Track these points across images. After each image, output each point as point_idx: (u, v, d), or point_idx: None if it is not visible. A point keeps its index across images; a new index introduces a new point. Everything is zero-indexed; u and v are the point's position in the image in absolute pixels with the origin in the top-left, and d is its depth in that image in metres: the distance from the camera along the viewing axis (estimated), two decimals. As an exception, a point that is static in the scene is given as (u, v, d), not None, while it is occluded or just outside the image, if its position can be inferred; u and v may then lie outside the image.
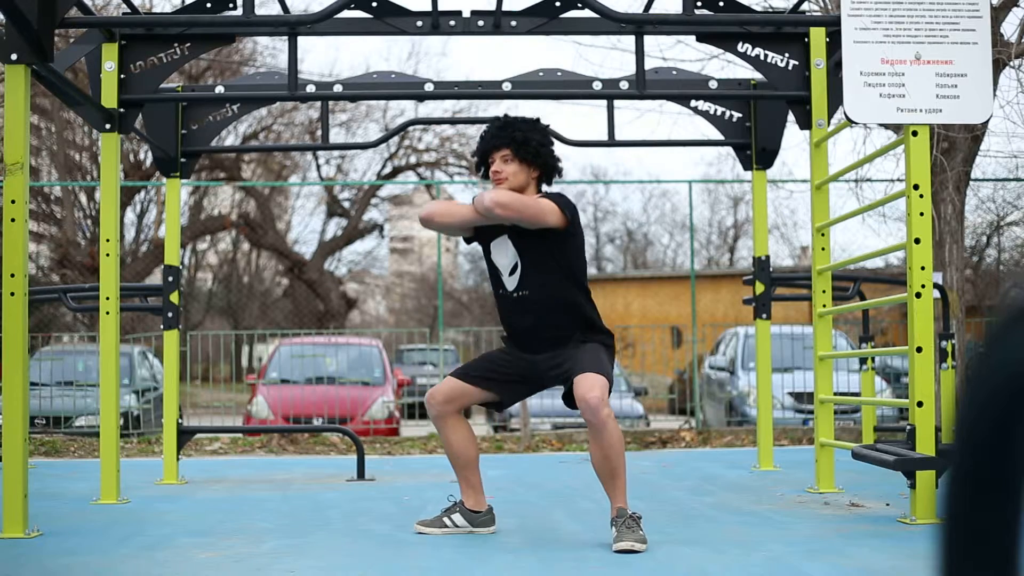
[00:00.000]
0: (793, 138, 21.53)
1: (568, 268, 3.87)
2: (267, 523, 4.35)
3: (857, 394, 8.15)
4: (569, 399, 3.83)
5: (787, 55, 5.37)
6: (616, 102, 6.51)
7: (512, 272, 3.91)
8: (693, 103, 6.24)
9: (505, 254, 3.93)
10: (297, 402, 10.83)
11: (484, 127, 4.07)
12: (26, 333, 4.12)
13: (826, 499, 4.91)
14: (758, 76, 5.76)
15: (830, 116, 5.30)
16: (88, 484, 5.51)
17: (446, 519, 4.04)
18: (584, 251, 3.98)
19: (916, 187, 4.17)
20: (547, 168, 3.97)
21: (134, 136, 5.97)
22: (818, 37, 5.23)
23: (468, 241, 4.16)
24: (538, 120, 4.02)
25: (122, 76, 5.27)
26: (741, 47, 5.37)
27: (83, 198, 19.99)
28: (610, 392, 3.73)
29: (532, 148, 3.89)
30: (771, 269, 6.16)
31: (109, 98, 5.20)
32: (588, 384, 3.64)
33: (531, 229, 3.82)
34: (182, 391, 8.64)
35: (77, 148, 19.72)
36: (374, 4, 5.25)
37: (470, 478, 4.04)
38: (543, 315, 3.86)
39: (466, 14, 5.35)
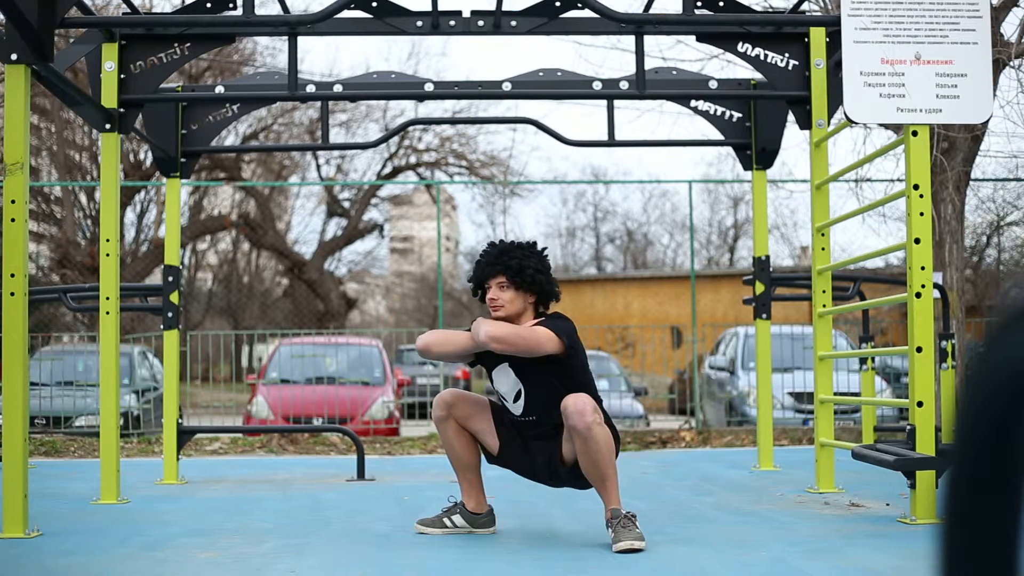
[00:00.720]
0: (793, 138, 21.54)
1: (573, 390, 3.79)
2: (267, 523, 4.35)
3: (857, 394, 8.15)
4: (560, 478, 3.88)
5: (787, 55, 5.37)
6: (616, 102, 6.51)
7: (516, 399, 3.89)
8: (693, 103, 6.24)
9: (506, 382, 3.90)
10: (297, 402, 10.83)
11: (480, 253, 4.02)
12: (26, 333, 4.12)
13: (826, 499, 4.91)
14: (758, 76, 5.76)
15: (830, 116, 5.30)
16: (88, 484, 5.51)
17: (446, 519, 4.04)
18: (587, 366, 3.91)
19: (916, 187, 4.17)
20: (543, 293, 3.91)
21: (134, 136, 5.97)
22: (818, 37, 5.23)
23: (471, 365, 4.12)
24: (534, 244, 3.98)
25: (122, 76, 5.27)
26: (741, 47, 5.37)
27: (83, 198, 19.99)
28: (600, 410, 3.71)
29: (528, 276, 3.84)
30: (771, 269, 6.16)
31: (109, 98, 5.20)
32: (574, 397, 3.64)
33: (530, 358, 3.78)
34: (182, 391, 8.64)
35: (77, 148, 19.72)
36: (374, 4, 5.25)
37: (471, 480, 4.03)
38: (554, 436, 3.84)
39: (466, 14, 5.35)
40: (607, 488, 3.70)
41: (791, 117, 5.84)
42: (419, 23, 5.35)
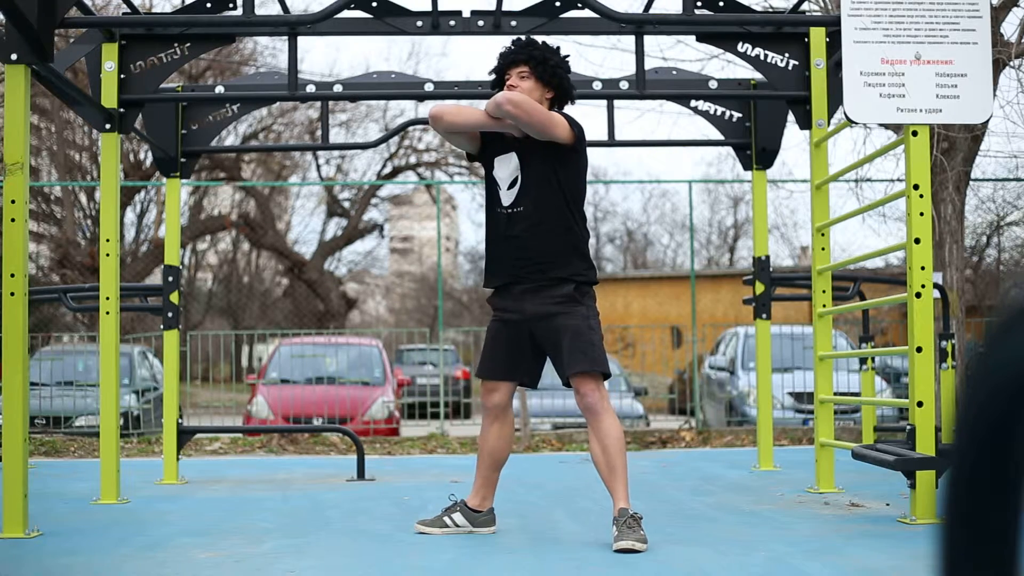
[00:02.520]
0: (793, 138, 21.55)
1: (568, 188, 3.87)
2: (267, 523, 4.35)
3: (857, 394, 8.15)
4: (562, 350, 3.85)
5: (787, 55, 5.37)
6: (616, 102, 6.51)
7: (511, 186, 3.91)
8: (693, 103, 6.24)
9: (507, 167, 3.94)
10: (297, 402, 10.83)
11: (503, 46, 4.06)
12: (26, 333, 4.12)
13: (826, 499, 4.91)
14: (758, 76, 5.76)
15: (830, 116, 5.30)
16: (88, 484, 5.51)
17: (447, 519, 4.04)
18: (585, 177, 3.99)
19: (916, 187, 4.17)
20: (561, 90, 3.97)
21: (134, 136, 5.97)
22: (818, 37, 5.23)
23: (471, 158, 4.14)
24: (559, 48, 4.02)
25: (122, 76, 5.27)
26: (741, 47, 5.37)
27: (83, 198, 19.99)
28: (607, 374, 3.74)
29: (550, 67, 3.90)
30: (771, 269, 6.16)
31: (109, 98, 5.20)
32: (585, 384, 3.68)
33: (537, 143, 3.83)
34: (182, 391, 8.64)
35: (77, 148, 19.72)
36: (374, 4, 5.25)
37: (490, 477, 4.07)
38: (533, 234, 3.83)
39: (466, 14, 5.35)
40: (616, 481, 3.71)
41: (791, 117, 5.84)
42: (419, 23, 5.35)
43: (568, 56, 4.03)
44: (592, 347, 3.77)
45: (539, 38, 4.05)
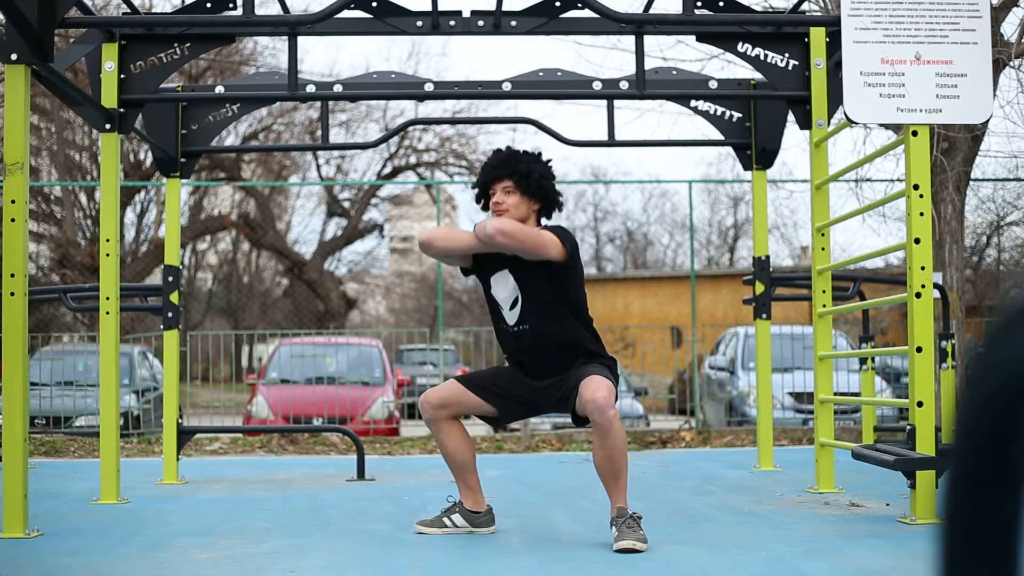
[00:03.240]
0: (793, 138, 21.54)
1: (569, 302, 3.86)
2: (267, 523, 4.35)
3: (857, 394, 8.15)
4: (575, 416, 3.84)
5: (787, 55, 5.37)
6: (616, 102, 6.51)
7: (512, 306, 3.92)
8: (693, 103, 6.24)
9: (505, 287, 3.93)
10: (297, 402, 10.83)
11: (487, 159, 4.05)
12: (26, 333, 4.12)
13: (826, 499, 4.91)
14: (758, 76, 5.76)
15: (830, 116, 5.30)
16: (88, 484, 5.51)
17: (446, 519, 4.04)
18: (584, 283, 3.97)
19: (916, 187, 4.17)
20: (548, 201, 3.95)
21: (134, 136, 5.97)
22: (818, 37, 5.23)
23: (466, 273, 4.16)
24: (540, 154, 4.01)
25: (122, 76, 5.27)
26: (741, 47, 5.37)
27: (83, 198, 19.99)
28: (616, 400, 3.74)
29: (535, 180, 3.88)
30: (771, 269, 6.15)
31: (109, 98, 5.20)
32: (594, 386, 3.65)
33: (531, 261, 3.81)
34: (182, 391, 8.64)
35: (77, 148, 19.72)
36: (374, 4, 5.25)
37: (468, 480, 4.04)
38: (545, 349, 3.88)
39: (466, 14, 5.35)
40: (618, 485, 3.71)
41: (791, 117, 5.84)
42: (419, 23, 5.35)
43: (551, 161, 4.01)
44: (604, 371, 3.80)
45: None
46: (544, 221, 4.06)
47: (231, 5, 5.17)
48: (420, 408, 4.01)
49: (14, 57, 4.15)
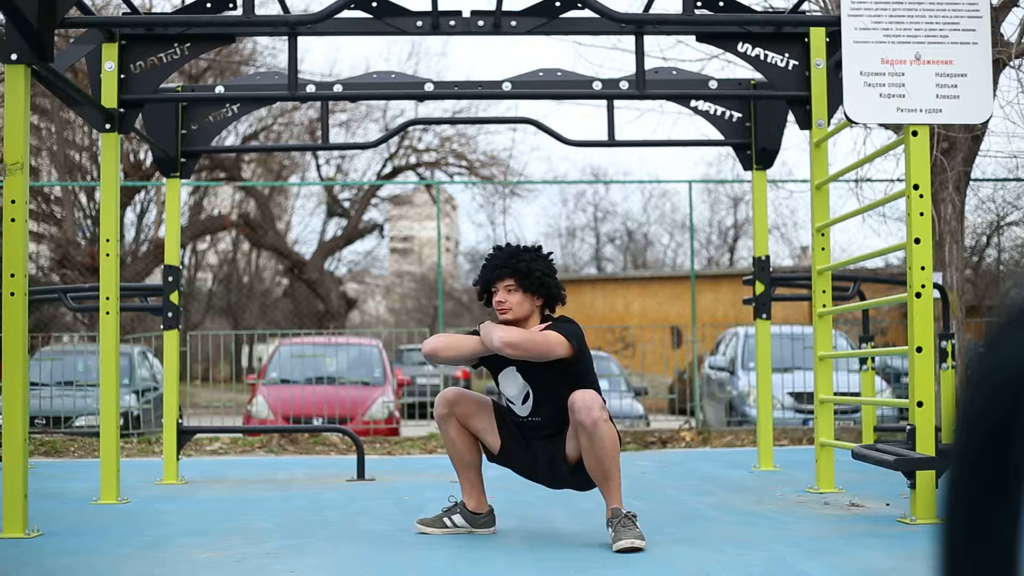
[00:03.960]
0: (793, 138, 21.54)
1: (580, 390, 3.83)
2: (267, 523, 4.35)
3: (857, 394, 8.15)
4: (562, 478, 3.89)
5: (787, 55, 5.37)
6: (616, 102, 6.51)
7: (524, 401, 3.92)
8: (693, 103, 6.24)
9: (514, 385, 3.93)
10: (297, 402, 10.83)
11: (486, 256, 4.03)
12: (26, 333, 4.12)
13: (826, 499, 4.91)
14: (758, 76, 5.76)
15: (830, 116, 5.30)
16: (88, 484, 5.51)
17: (446, 519, 4.04)
18: (593, 368, 3.93)
19: (916, 187, 4.17)
20: (550, 297, 3.94)
21: (134, 136, 5.97)
22: (818, 37, 5.23)
23: (475, 367, 4.16)
24: (540, 248, 4.01)
25: (122, 76, 5.27)
26: (741, 47, 5.37)
27: (83, 198, 19.99)
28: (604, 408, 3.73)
29: (536, 279, 3.87)
30: (771, 269, 6.16)
31: (109, 98, 5.20)
32: (580, 392, 3.66)
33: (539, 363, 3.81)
34: (182, 391, 8.64)
35: (77, 148, 19.72)
36: (374, 4, 5.25)
37: (472, 479, 4.04)
38: (557, 435, 3.87)
39: (466, 14, 5.35)
40: (610, 487, 3.70)
41: (791, 117, 5.84)
42: (419, 23, 5.35)
43: (551, 254, 4.01)
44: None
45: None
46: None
47: (231, 5, 5.17)
48: (437, 401, 3.99)
49: (14, 57, 4.15)
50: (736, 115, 6.22)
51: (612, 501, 3.70)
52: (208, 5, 5.16)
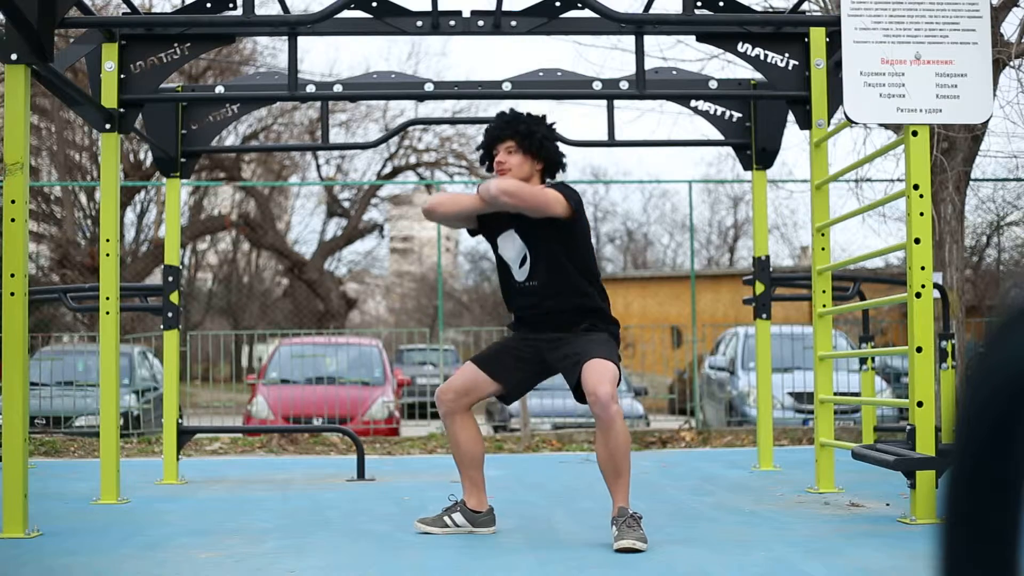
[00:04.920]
0: (793, 138, 21.53)
1: (576, 257, 3.92)
2: (267, 523, 4.35)
3: (857, 394, 8.14)
4: (579, 392, 3.83)
5: (787, 55, 5.37)
6: (616, 102, 6.51)
7: (522, 264, 3.96)
8: (693, 103, 6.24)
9: (512, 247, 3.98)
10: (297, 402, 10.82)
11: (491, 120, 4.12)
12: (26, 333, 4.12)
13: (826, 499, 4.91)
14: (758, 76, 5.76)
15: (830, 116, 5.29)
16: (88, 484, 5.50)
17: (447, 518, 4.04)
18: (591, 240, 4.03)
19: (916, 187, 4.17)
20: (550, 161, 4.01)
21: (134, 136, 5.97)
22: (818, 37, 5.23)
23: (472, 234, 4.20)
24: (544, 117, 4.07)
25: (122, 76, 5.27)
26: (741, 47, 5.37)
27: (83, 198, 19.98)
28: (618, 384, 3.75)
29: (536, 140, 3.94)
30: (771, 269, 6.15)
31: (109, 98, 5.20)
32: (598, 377, 3.65)
33: (537, 219, 3.85)
34: (182, 391, 8.64)
35: (77, 148, 19.71)
36: (374, 4, 5.25)
37: (474, 477, 4.05)
38: (552, 304, 3.91)
39: (466, 14, 5.35)
40: (619, 484, 3.71)
41: (791, 117, 5.84)
42: (419, 23, 5.35)
43: (555, 123, 4.07)
44: (607, 347, 3.83)
45: (529, 106, 4.07)
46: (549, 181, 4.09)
47: (231, 5, 5.17)
48: (437, 402, 4.02)
49: (14, 57, 4.15)
50: (736, 115, 6.22)
51: (619, 499, 3.71)
52: (208, 5, 5.16)
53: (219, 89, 6.11)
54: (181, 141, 6.02)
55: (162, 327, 5.93)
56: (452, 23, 5.35)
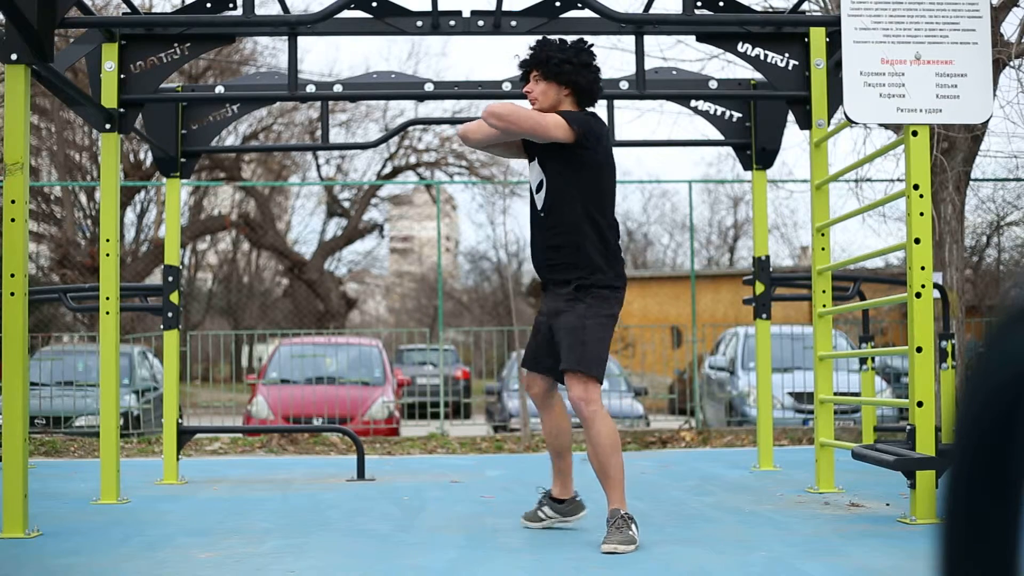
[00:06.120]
0: (793, 138, 21.54)
1: (585, 190, 3.81)
2: (267, 523, 4.35)
3: (857, 394, 8.15)
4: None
5: (787, 55, 5.37)
6: (616, 102, 6.51)
7: (539, 190, 3.95)
8: (693, 103, 6.24)
9: (535, 173, 3.97)
10: (297, 402, 10.82)
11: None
12: (26, 333, 4.12)
13: (826, 499, 4.91)
14: (758, 76, 5.76)
15: (830, 116, 5.30)
16: (88, 484, 5.51)
17: (540, 512, 4.14)
18: (607, 174, 3.88)
19: (916, 187, 4.17)
20: (576, 86, 3.90)
21: (134, 136, 5.97)
22: (818, 37, 5.23)
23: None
24: (578, 40, 3.97)
25: (122, 76, 5.27)
26: (741, 47, 5.37)
27: (83, 198, 19.98)
28: (606, 362, 3.75)
29: (553, 66, 3.86)
30: (771, 269, 6.15)
31: (109, 98, 5.20)
32: (571, 383, 3.74)
33: (552, 147, 3.81)
34: (182, 391, 8.64)
35: (77, 148, 19.71)
36: (374, 4, 5.25)
37: (558, 465, 4.09)
38: (551, 238, 3.87)
39: (466, 14, 5.36)
40: (608, 484, 3.72)
41: (791, 117, 5.84)
42: (419, 23, 5.35)
43: (588, 46, 3.95)
44: (582, 346, 3.74)
45: (554, 37, 4.01)
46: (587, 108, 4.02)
47: (231, 5, 5.17)
48: (532, 400, 4.08)
49: (14, 57, 4.15)
50: (736, 115, 6.22)
51: (611, 500, 3.72)
52: (208, 5, 5.16)
53: (219, 89, 6.11)
54: (181, 141, 6.02)
55: (162, 327, 5.93)
56: (452, 23, 5.35)
